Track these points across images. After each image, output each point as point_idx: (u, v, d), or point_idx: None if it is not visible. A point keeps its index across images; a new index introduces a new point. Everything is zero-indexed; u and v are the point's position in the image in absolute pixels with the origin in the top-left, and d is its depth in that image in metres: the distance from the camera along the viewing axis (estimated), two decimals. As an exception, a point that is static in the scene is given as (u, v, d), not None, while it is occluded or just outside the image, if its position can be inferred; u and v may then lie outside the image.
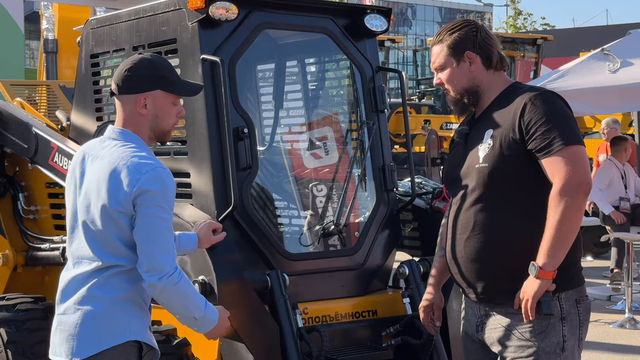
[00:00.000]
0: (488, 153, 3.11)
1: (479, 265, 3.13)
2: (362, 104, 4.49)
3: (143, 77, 3.03)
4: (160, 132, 3.09)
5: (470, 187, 3.16)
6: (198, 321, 3.06)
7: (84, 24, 4.85)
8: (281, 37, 4.73)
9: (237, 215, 3.96)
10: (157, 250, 2.92)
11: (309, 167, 4.71)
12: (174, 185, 3.00)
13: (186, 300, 3.00)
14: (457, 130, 3.32)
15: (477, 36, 3.21)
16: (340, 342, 4.10)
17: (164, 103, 3.06)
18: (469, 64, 3.20)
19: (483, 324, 3.19)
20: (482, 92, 3.22)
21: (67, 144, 4.66)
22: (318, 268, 4.23)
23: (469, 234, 3.14)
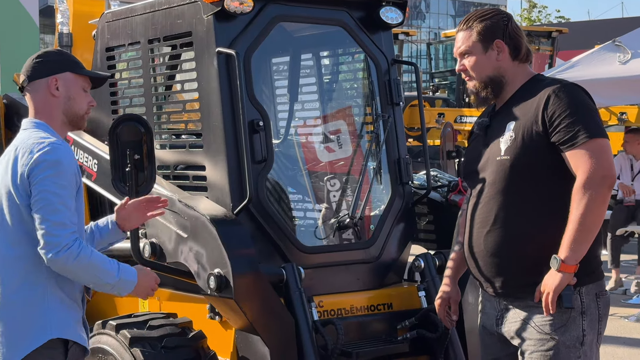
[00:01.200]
0: (510, 145, 3.07)
1: (499, 260, 3.09)
2: (377, 97, 4.48)
3: (52, 61, 3.08)
4: (74, 115, 3.10)
5: (490, 179, 3.12)
6: (114, 287, 3.01)
7: (99, 18, 4.86)
8: (296, 29, 4.73)
9: (253, 208, 3.96)
10: (51, 225, 2.88)
11: (324, 160, 4.71)
12: (71, 160, 2.98)
13: (94, 270, 2.94)
14: (477, 122, 3.27)
15: (508, 26, 3.17)
16: (355, 335, 4.09)
17: (75, 86, 3.09)
18: (496, 53, 3.16)
19: (503, 318, 3.16)
20: (506, 83, 3.18)
21: (82, 137, 4.67)
22: (333, 261, 4.22)
23: (489, 227, 3.10)
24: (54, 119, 3.07)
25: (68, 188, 2.92)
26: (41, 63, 3.07)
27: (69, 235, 2.89)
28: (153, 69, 4.48)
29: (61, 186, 2.90)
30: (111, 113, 4.65)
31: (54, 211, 2.88)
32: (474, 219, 3.18)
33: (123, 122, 3.74)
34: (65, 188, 2.91)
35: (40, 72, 3.06)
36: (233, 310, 3.76)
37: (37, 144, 2.94)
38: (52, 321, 2.94)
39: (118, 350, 3.83)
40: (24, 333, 2.92)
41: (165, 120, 4.59)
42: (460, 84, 16.43)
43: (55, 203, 2.89)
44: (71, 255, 2.88)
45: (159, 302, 4.42)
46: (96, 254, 2.97)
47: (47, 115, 3.07)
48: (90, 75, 3.16)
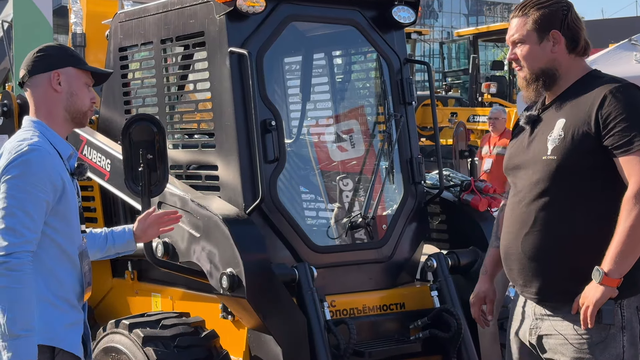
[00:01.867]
0: (558, 145, 2.86)
1: (537, 264, 2.91)
2: (389, 96, 4.47)
3: (54, 55, 2.96)
4: (77, 112, 2.96)
5: (534, 179, 2.92)
6: (9, 338, 2.64)
7: (112, 18, 4.87)
8: (308, 29, 4.73)
9: (265, 208, 3.96)
10: (2, 230, 2.70)
11: (337, 160, 4.70)
12: (46, 163, 2.79)
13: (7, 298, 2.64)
14: (525, 115, 3.05)
15: (567, 16, 2.95)
16: (368, 335, 4.08)
17: (77, 81, 2.96)
18: (552, 44, 2.95)
19: (537, 327, 2.97)
20: (559, 77, 2.96)
21: (96, 137, 4.69)
22: (346, 261, 4.22)
23: (528, 229, 2.91)
24: (54, 116, 2.94)
25: (32, 192, 2.74)
26: (42, 57, 2.95)
27: (14, 245, 2.69)
28: (166, 68, 4.49)
29: (22, 189, 2.73)
30: (124, 113, 4.66)
31: (8, 215, 2.71)
32: (513, 219, 2.99)
33: (136, 122, 3.75)
34: (27, 192, 2.74)
35: (41, 66, 2.93)
36: (245, 310, 3.76)
37: (17, 145, 2.81)
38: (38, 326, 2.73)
39: (131, 349, 3.84)
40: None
41: (177, 120, 4.60)
42: (473, 84, 16.40)
43: (11, 206, 2.72)
44: (6, 268, 2.67)
45: (172, 301, 4.43)
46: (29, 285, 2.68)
47: (48, 112, 2.93)
48: (93, 70, 3.04)
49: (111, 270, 4.87)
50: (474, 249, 4.36)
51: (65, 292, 2.87)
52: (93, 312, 4.83)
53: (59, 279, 2.85)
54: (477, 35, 17.41)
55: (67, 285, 2.88)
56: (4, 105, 5.32)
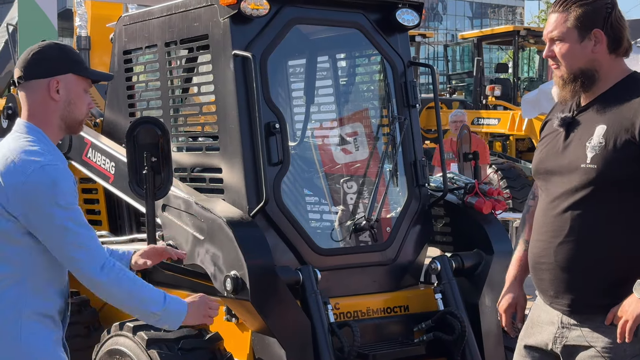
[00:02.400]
0: (598, 153, 2.71)
1: (570, 276, 2.77)
2: (393, 99, 4.47)
3: (54, 59, 2.73)
4: (73, 121, 2.76)
5: (570, 187, 2.77)
6: (159, 317, 2.72)
7: (116, 21, 4.89)
8: (312, 32, 4.73)
9: (269, 210, 3.96)
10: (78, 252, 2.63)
11: (341, 163, 4.71)
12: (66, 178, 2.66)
13: (138, 293, 2.69)
14: (559, 116, 2.88)
15: (611, 14, 2.79)
16: (372, 338, 4.09)
17: (77, 89, 2.75)
18: (593, 44, 2.78)
19: (563, 337, 2.81)
20: (598, 78, 2.80)
21: (100, 139, 4.70)
22: (350, 263, 4.22)
23: (562, 239, 2.77)
24: (49, 124, 2.74)
25: (68, 207, 2.64)
26: (42, 61, 2.73)
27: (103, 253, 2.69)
28: (170, 71, 4.50)
29: (64, 208, 2.63)
30: (128, 116, 4.67)
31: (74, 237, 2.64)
32: (545, 227, 2.84)
33: (140, 125, 3.76)
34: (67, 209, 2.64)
35: (40, 71, 2.72)
36: (249, 312, 3.76)
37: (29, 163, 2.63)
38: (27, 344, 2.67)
39: (135, 351, 3.85)
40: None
41: (182, 122, 4.61)
42: (478, 86, 16.39)
43: (69, 228, 2.63)
44: (114, 273, 2.66)
45: (176, 304, 4.43)
46: (134, 279, 2.72)
47: (42, 119, 2.74)
48: (95, 78, 2.87)
49: (115, 272, 4.86)
50: (478, 252, 4.35)
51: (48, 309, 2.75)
52: (97, 315, 4.84)
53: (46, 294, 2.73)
54: (482, 37, 17.40)
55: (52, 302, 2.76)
56: (9, 108, 5.33)
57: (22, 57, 2.76)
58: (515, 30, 16.93)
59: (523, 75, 17.77)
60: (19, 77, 2.75)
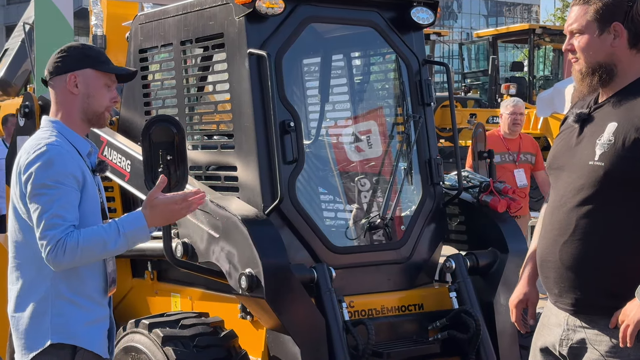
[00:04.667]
0: (606, 151, 2.67)
1: (575, 275, 2.75)
2: (408, 98, 4.47)
3: (72, 56, 3.00)
4: (93, 113, 3.01)
5: (578, 184, 2.74)
6: (126, 244, 2.86)
7: (132, 20, 4.91)
8: (327, 30, 4.74)
9: (284, 209, 3.97)
10: (42, 227, 2.80)
11: (355, 161, 4.71)
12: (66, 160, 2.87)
13: (90, 250, 2.81)
14: (575, 112, 2.86)
15: (633, 8, 2.74)
16: (386, 336, 4.09)
17: (96, 83, 3.00)
18: (613, 37, 2.74)
19: (569, 339, 2.81)
20: (617, 74, 2.76)
21: (116, 138, 4.72)
22: (364, 261, 4.22)
23: (567, 237, 2.75)
24: (72, 117, 3.00)
25: (59, 187, 2.83)
26: (63, 58, 3.00)
27: (61, 232, 2.80)
28: (185, 70, 4.51)
29: (50, 187, 2.82)
30: (144, 114, 4.69)
31: (44, 212, 2.81)
32: (551, 224, 2.83)
33: (156, 123, 3.77)
34: (55, 187, 2.82)
35: (61, 67, 2.99)
36: (264, 310, 3.78)
37: (35, 145, 2.90)
38: (55, 325, 2.86)
39: (151, 348, 3.87)
40: (29, 336, 2.88)
41: (197, 121, 4.62)
42: (493, 85, 16.35)
43: (45, 203, 2.81)
44: (60, 251, 2.78)
45: (191, 301, 4.46)
46: (84, 234, 2.82)
47: (66, 112, 3.00)
48: (112, 71, 3.05)
49: (131, 270, 4.90)
50: (492, 250, 4.35)
51: (86, 289, 2.93)
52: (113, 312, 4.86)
53: (80, 275, 2.91)
54: (497, 36, 17.35)
55: (89, 282, 2.94)
56: (25, 106, 5.37)
57: (50, 58, 3.04)
58: (531, 29, 16.88)
59: (538, 73, 17.72)
60: (46, 76, 3.03)
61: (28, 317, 2.89)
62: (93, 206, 2.97)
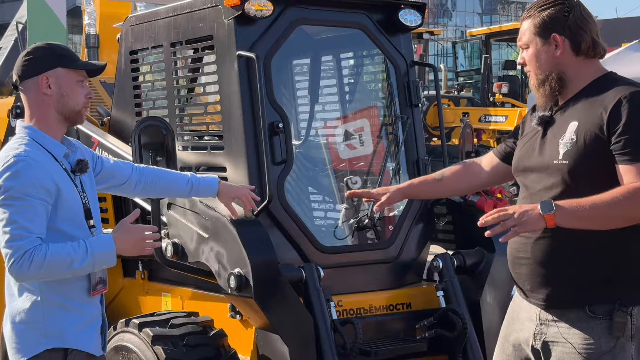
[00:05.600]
0: (569, 149, 2.78)
1: (547, 270, 2.85)
2: (396, 99, 4.52)
3: (40, 57, 2.94)
4: (70, 112, 2.96)
5: (547, 183, 2.84)
6: (91, 263, 2.83)
7: (124, 20, 4.94)
8: (316, 32, 4.78)
9: (273, 209, 4.02)
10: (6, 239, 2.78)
11: (343, 160, 4.76)
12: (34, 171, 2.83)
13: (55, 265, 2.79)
14: (538, 115, 2.96)
15: (568, 17, 2.86)
16: (374, 334, 4.13)
17: (68, 81, 2.95)
18: (554, 48, 2.87)
19: (542, 333, 2.89)
20: (568, 80, 2.88)
21: (107, 138, 4.76)
22: (352, 261, 4.27)
23: (539, 234, 2.83)
24: (46, 119, 2.95)
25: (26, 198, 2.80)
26: (31, 61, 2.94)
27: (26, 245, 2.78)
28: (175, 71, 4.55)
29: (16, 198, 2.78)
30: (135, 115, 4.73)
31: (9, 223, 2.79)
32: None
33: (145, 124, 3.83)
34: (22, 199, 2.79)
35: (30, 70, 2.93)
36: (253, 309, 3.82)
37: (5, 156, 2.87)
38: (47, 330, 2.89)
39: (141, 347, 3.91)
40: (22, 342, 2.90)
41: (187, 122, 4.66)
42: (485, 83, 16.40)
43: (10, 214, 2.78)
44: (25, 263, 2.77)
45: (182, 301, 4.50)
46: (52, 249, 2.80)
47: (40, 115, 2.95)
48: (81, 67, 3.01)
49: (122, 270, 4.94)
50: (479, 250, 4.39)
51: (75, 290, 2.94)
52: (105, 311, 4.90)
53: (67, 279, 2.91)
54: (490, 35, 17.40)
55: (77, 283, 2.94)
56: (17, 107, 5.40)
57: (16, 63, 2.96)
58: (524, 27, 16.90)
59: (531, 72, 17.76)
60: (16, 80, 2.97)
61: (21, 323, 2.90)
62: (74, 210, 2.95)
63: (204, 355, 3.85)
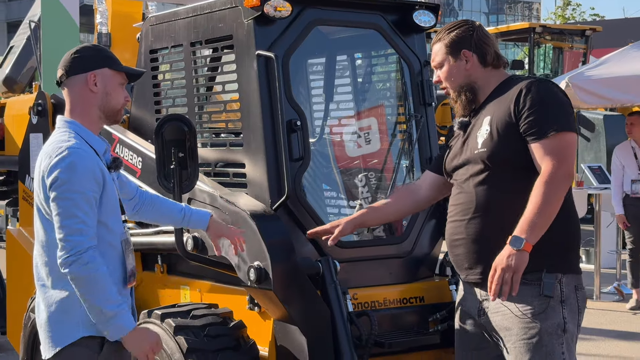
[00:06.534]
0: (486, 139, 3.25)
1: (481, 247, 3.27)
2: (410, 97, 4.62)
3: (91, 56, 3.15)
4: (111, 110, 3.17)
5: (471, 172, 3.31)
6: (108, 319, 2.95)
7: (136, 18, 5.03)
8: (332, 32, 4.88)
9: (290, 205, 4.12)
10: (66, 231, 2.92)
11: (358, 158, 4.86)
12: (88, 163, 2.99)
13: (96, 286, 2.92)
14: (458, 121, 3.47)
15: (473, 35, 3.39)
16: (388, 327, 4.24)
17: (112, 82, 3.16)
18: (465, 62, 3.39)
19: (485, 308, 3.32)
20: (479, 88, 3.39)
21: (127, 135, 4.87)
22: (367, 255, 4.37)
23: (470, 216, 3.29)
24: (88, 115, 3.13)
25: (82, 192, 2.94)
26: (79, 58, 3.13)
27: (81, 244, 2.92)
28: (195, 70, 4.66)
29: (74, 191, 2.93)
30: (154, 113, 4.84)
31: (68, 217, 2.92)
32: (455, 208, 3.38)
33: (168, 122, 3.94)
34: (79, 192, 2.94)
35: (78, 67, 3.12)
36: (271, 301, 3.93)
37: (57, 148, 3.00)
38: (84, 318, 3.00)
39: (163, 338, 4.00)
40: (58, 330, 3.03)
41: (206, 119, 4.77)
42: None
43: (69, 208, 2.92)
44: (81, 263, 2.91)
45: (200, 293, 4.61)
46: (104, 271, 2.95)
47: (82, 111, 3.13)
48: (127, 71, 3.24)
49: (142, 263, 5.05)
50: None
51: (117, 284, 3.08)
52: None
53: (109, 271, 3.03)
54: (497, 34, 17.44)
55: (113, 274, 3.07)
56: (39, 104, 5.52)
57: (63, 59, 3.14)
58: (531, 27, 16.96)
59: (539, 71, 17.83)
60: (61, 76, 3.13)
61: (57, 312, 3.03)
62: (114, 203, 3.12)
63: (224, 345, 3.96)
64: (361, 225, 3.87)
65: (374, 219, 3.88)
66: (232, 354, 3.94)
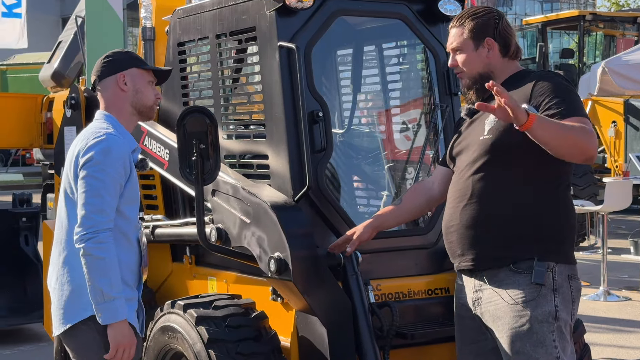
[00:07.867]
0: (493, 126, 3.25)
1: (474, 232, 3.28)
2: (435, 87, 4.59)
3: (119, 59, 3.41)
4: (143, 106, 3.40)
5: (472, 157, 3.31)
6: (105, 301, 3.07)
7: (171, 14, 5.09)
8: (357, 22, 4.86)
9: (312, 195, 4.12)
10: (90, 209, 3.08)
11: (385, 149, 4.84)
12: (122, 151, 3.21)
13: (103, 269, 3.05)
14: (466, 107, 3.48)
15: (499, 24, 3.37)
16: (412, 318, 4.22)
17: (141, 80, 3.39)
18: (487, 50, 3.36)
19: (479, 299, 3.34)
20: (495, 78, 3.33)
21: (156, 128, 4.92)
22: (391, 246, 4.35)
23: (466, 201, 3.30)
24: (122, 112, 3.37)
25: (112, 175, 3.14)
26: (109, 62, 3.39)
27: (101, 224, 3.09)
28: (220, 62, 4.69)
29: (105, 173, 3.13)
30: (182, 105, 4.88)
31: (95, 195, 3.11)
32: (453, 194, 3.38)
33: (189, 114, 3.96)
34: (109, 175, 3.13)
35: (108, 70, 3.38)
36: (292, 292, 3.94)
37: (95, 132, 3.23)
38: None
39: (185, 328, 4.06)
40: (70, 308, 3.19)
41: (231, 111, 4.80)
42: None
43: (97, 188, 3.11)
44: (96, 242, 3.06)
45: (226, 284, 4.65)
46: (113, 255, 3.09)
47: (117, 109, 3.37)
48: (154, 69, 3.45)
49: (171, 255, 5.11)
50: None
51: (122, 273, 3.17)
52: (154, 295, 5.08)
53: (118, 260, 3.14)
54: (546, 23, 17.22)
55: (125, 266, 3.19)
56: (72, 98, 5.62)
57: (95, 65, 3.42)
58: (581, 15, 16.70)
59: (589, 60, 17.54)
60: (94, 81, 3.39)
61: (69, 291, 3.17)
62: (134, 195, 3.29)
63: (245, 335, 3.98)
64: (379, 228, 3.83)
65: (390, 219, 3.85)
66: (253, 345, 3.96)
